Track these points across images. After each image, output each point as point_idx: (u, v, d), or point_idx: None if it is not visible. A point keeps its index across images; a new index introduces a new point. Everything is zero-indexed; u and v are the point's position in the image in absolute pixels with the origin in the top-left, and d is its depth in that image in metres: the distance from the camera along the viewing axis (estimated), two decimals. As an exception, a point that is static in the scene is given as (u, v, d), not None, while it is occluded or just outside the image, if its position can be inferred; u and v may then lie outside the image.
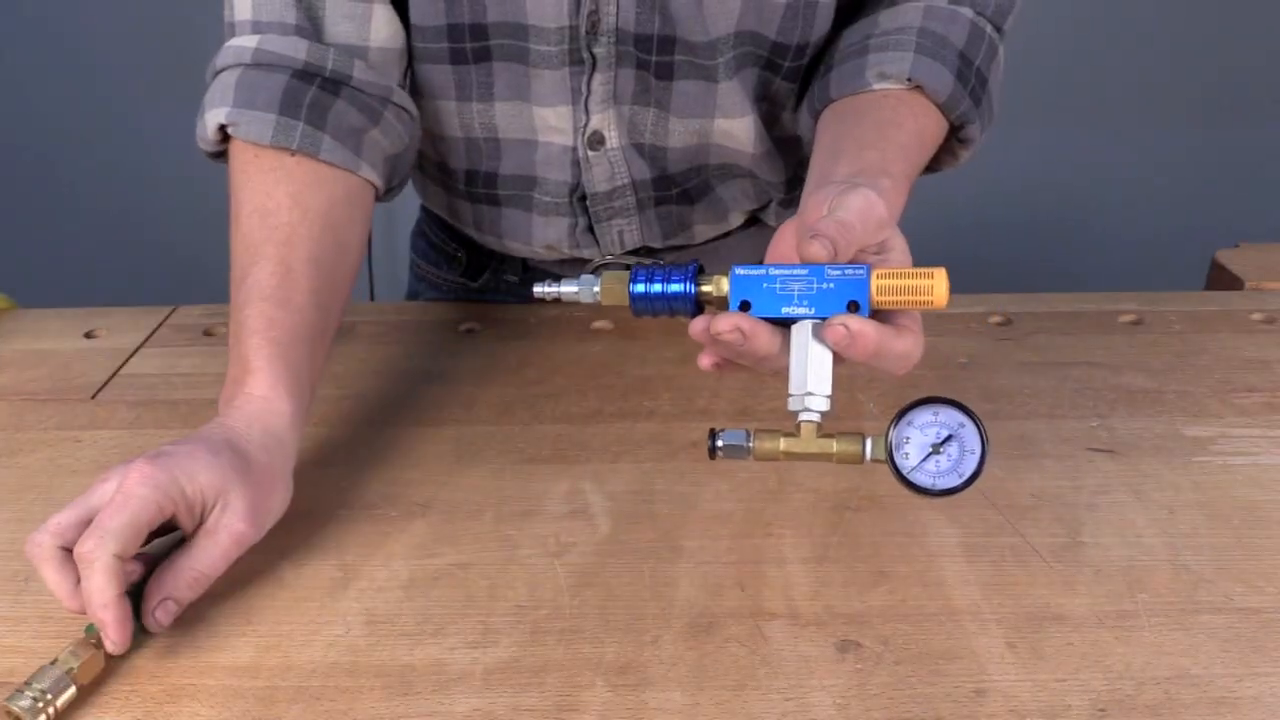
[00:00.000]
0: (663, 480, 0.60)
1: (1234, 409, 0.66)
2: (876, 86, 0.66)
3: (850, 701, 0.46)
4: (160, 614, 0.49)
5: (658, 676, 0.47)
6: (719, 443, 0.50)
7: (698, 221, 0.82)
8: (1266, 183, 2.03)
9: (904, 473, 0.49)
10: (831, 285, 0.47)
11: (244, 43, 0.65)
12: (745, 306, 0.49)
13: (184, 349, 0.76)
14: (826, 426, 0.49)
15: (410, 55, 0.71)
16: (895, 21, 0.67)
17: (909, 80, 0.65)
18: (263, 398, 0.56)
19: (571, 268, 0.84)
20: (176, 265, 2.07)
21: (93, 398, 0.70)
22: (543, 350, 0.75)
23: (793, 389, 0.48)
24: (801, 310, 0.48)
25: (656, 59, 0.70)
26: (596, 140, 0.73)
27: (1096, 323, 0.77)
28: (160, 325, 0.79)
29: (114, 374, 0.73)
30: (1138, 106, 1.98)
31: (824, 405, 0.48)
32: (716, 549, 0.55)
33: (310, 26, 0.66)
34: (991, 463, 0.61)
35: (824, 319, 0.47)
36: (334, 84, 0.66)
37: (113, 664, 0.48)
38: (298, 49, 0.65)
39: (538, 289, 0.54)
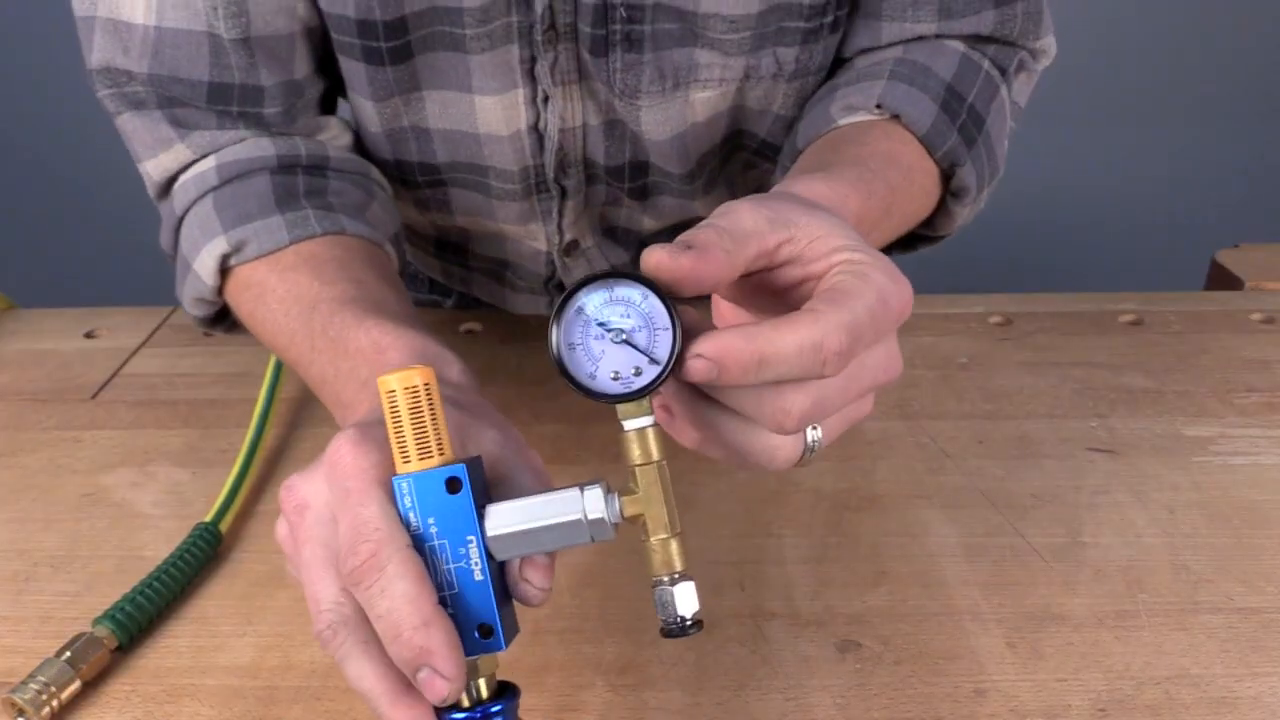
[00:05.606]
0: (663, 480, 0.60)
1: (1234, 409, 0.66)
2: (842, 121, 0.55)
3: (850, 701, 0.46)
4: None
5: (658, 676, 0.47)
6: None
7: None
8: (1266, 183, 2.03)
9: (616, 394, 0.38)
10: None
11: (200, 169, 0.57)
12: None
13: (184, 349, 0.76)
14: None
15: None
16: (871, 59, 0.59)
17: (878, 108, 0.54)
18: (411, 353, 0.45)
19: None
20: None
21: (93, 398, 0.70)
22: (543, 350, 0.74)
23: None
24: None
25: (629, 185, 0.66)
26: (572, 247, 0.71)
27: (1096, 323, 0.77)
28: (160, 325, 0.79)
29: (114, 374, 0.73)
30: (1138, 106, 1.99)
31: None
32: (716, 549, 0.55)
33: (262, 128, 0.58)
34: (992, 462, 0.62)
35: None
36: (317, 168, 0.58)
37: (115, 660, 0.48)
38: (263, 147, 0.57)
39: None
